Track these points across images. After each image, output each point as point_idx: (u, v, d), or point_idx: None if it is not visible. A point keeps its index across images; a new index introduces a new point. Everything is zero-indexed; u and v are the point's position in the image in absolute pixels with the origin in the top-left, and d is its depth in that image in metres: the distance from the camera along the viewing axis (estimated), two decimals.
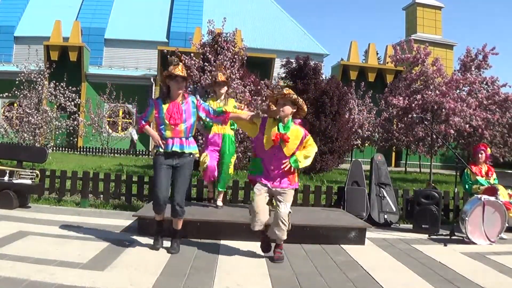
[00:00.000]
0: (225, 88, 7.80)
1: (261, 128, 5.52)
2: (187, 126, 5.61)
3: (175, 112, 5.56)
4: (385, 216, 8.37)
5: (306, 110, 5.67)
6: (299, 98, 5.51)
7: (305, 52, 25.65)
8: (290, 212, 5.45)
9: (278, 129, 5.43)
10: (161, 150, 5.58)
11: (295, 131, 5.50)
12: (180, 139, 5.59)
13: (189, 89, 14.49)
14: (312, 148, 5.58)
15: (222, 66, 7.71)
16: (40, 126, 17.80)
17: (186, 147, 5.62)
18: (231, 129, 7.70)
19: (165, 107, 5.56)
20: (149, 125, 5.83)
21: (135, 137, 34.10)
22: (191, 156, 5.71)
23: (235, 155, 8.11)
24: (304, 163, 5.51)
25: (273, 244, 5.62)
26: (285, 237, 5.47)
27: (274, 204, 5.53)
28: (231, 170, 7.84)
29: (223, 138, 7.60)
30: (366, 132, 27.59)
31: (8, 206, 7.69)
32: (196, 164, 6.97)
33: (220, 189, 7.80)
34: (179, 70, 5.50)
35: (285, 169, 5.41)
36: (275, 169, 5.45)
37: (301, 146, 5.52)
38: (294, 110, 5.50)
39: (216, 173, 7.60)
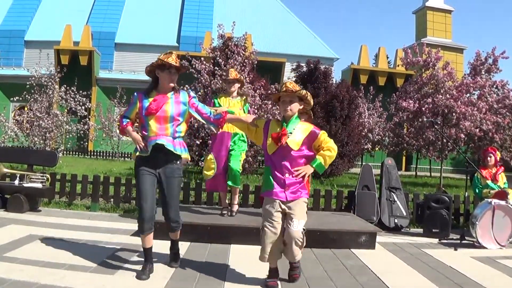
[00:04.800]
0: (236, 85, 7.19)
1: (264, 131, 4.68)
2: (174, 123, 4.70)
3: (162, 103, 4.66)
4: (396, 220, 8.33)
5: (312, 103, 4.82)
6: (306, 92, 4.68)
7: (315, 56, 25.79)
8: (304, 230, 4.56)
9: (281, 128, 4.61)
10: (143, 154, 4.67)
11: (302, 126, 4.65)
12: (167, 137, 4.67)
13: (199, 93, 14.54)
14: (331, 144, 4.63)
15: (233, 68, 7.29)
16: (50, 130, 17.93)
17: (176, 148, 4.70)
18: None
19: (150, 100, 4.69)
20: (132, 126, 4.85)
21: None
22: (179, 162, 4.80)
23: (244, 153, 7.25)
24: (329, 162, 4.65)
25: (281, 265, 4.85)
26: (300, 256, 4.69)
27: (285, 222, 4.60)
28: (239, 167, 7.01)
29: (233, 137, 6.99)
30: (376, 136, 27.55)
31: (19, 210, 7.71)
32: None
33: (235, 186, 7.02)
34: (173, 60, 4.62)
35: (299, 176, 4.54)
36: (289, 173, 4.53)
37: (313, 143, 4.59)
38: (301, 107, 4.73)
39: (225, 185, 7.07)
